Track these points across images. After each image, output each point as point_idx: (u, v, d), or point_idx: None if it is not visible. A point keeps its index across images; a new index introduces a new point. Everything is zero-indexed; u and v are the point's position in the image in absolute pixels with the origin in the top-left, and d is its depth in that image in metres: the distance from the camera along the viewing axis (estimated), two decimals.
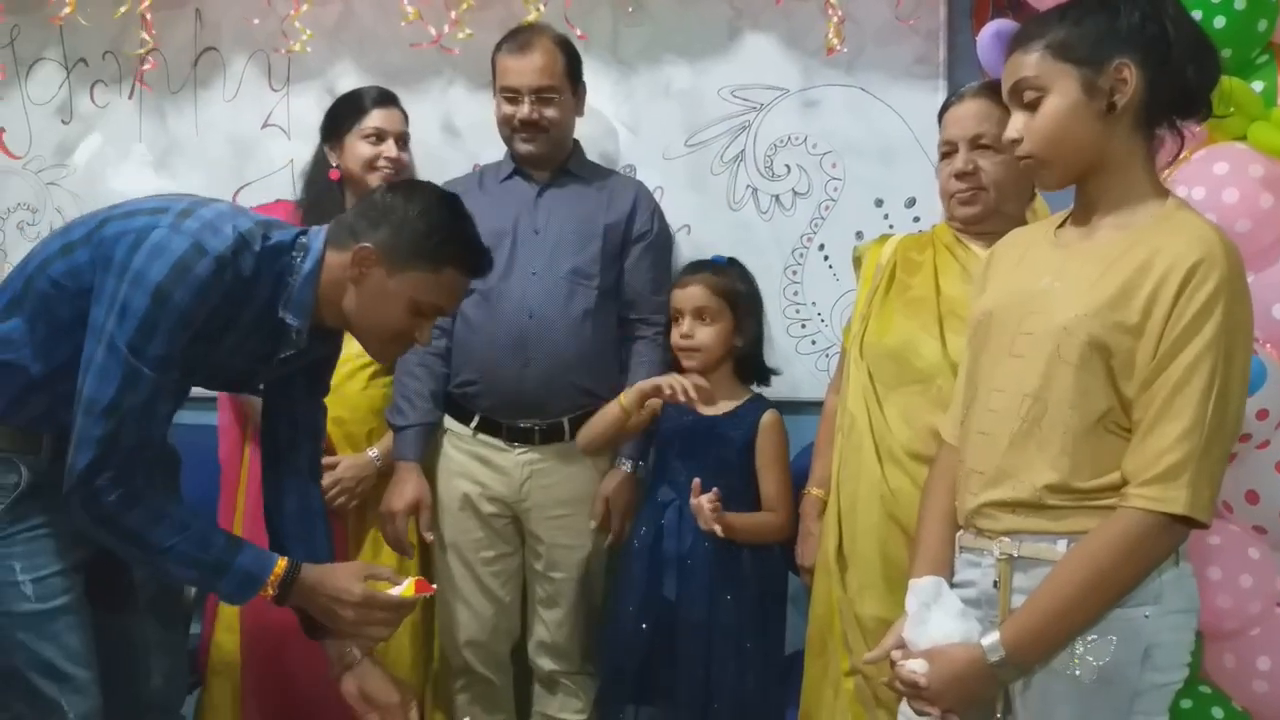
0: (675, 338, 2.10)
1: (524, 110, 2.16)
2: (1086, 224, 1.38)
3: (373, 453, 2.22)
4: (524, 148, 2.21)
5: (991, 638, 1.31)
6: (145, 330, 1.45)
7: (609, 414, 2.09)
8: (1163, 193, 1.36)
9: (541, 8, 2.31)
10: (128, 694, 1.70)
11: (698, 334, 2.07)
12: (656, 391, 2.01)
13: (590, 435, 2.13)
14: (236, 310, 1.54)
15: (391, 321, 1.55)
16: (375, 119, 2.25)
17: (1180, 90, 1.33)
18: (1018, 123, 1.36)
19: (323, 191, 2.26)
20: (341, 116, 2.28)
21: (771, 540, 2.05)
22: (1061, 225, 1.43)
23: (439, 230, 1.55)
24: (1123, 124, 1.33)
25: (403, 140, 2.29)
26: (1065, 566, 1.29)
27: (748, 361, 2.15)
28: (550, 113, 2.17)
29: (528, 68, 2.15)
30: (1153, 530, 1.25)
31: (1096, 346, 1.28)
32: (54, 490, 1.53)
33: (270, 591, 1.55)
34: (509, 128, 2.20)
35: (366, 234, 1.54)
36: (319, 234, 1.58)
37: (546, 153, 2.22)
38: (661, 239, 2.29)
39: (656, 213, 2.29)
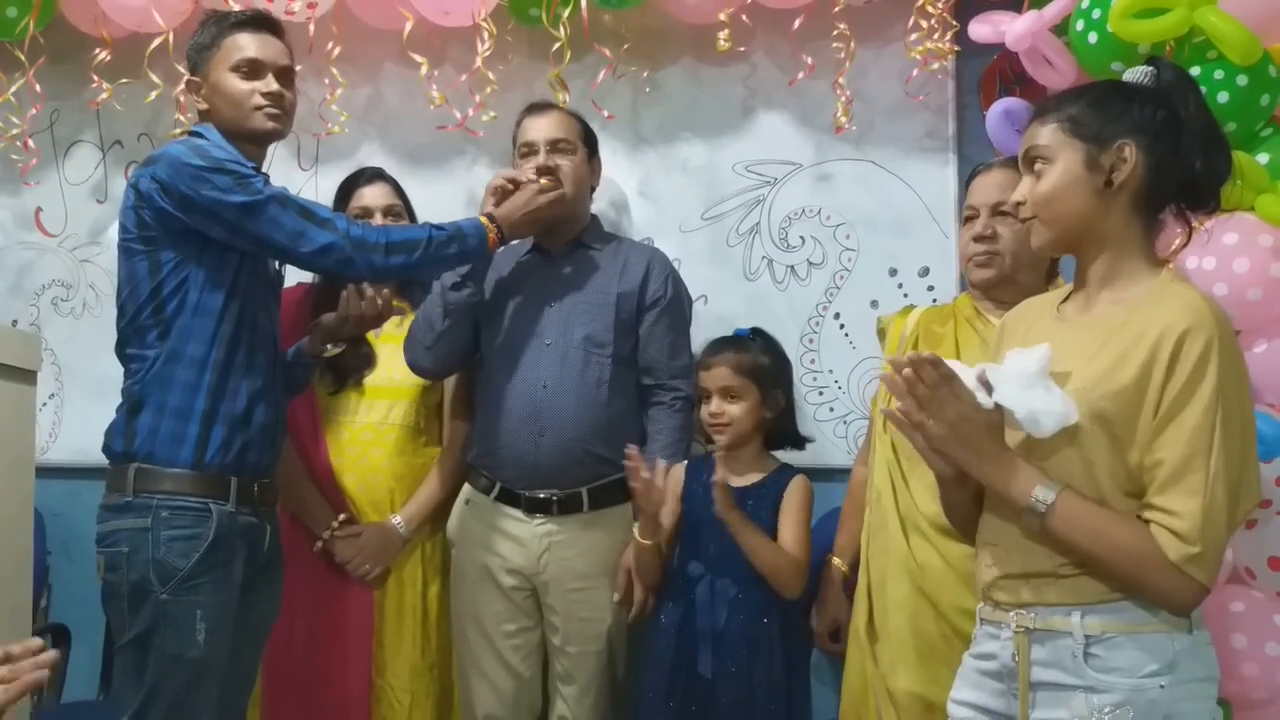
0: (705, 415, 2.09)
1: (539, 159, 2.17)
2: (1085, 299, 1.42)
3: (396, 520, 2.23)
4: None
5: (1049, 491, 1.31)
6: (222, 173, 1.78)
7: (645, 560, 2.07)
8: (1158, 267, 1.40)
9: (566, 97, 2.38)
10: None
11: (727, 410, 2.06)
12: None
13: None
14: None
15: (237, 94, 1.89)
16: (361, 197, 2.30)
17: (1186, 179, 1.38)
18: (1024, 187, 1.43)
19: (332, 276, 2.29)
20: (338, 200, 2.34)
21: (779, 580, 1.98)
22: (1065, 300, 1.47)
23: (207, 29, 1.95)
24: (1120, 201, 1.38)
25: (393, 212, 2.31)
26: (1113, 516, 1.30)
27: (777, 431, 2.12)
28: (565, 164, 2.18)
29: (545, 123, 2.21)
30: (1162, 564, 1.27)
31: (1098, 418, 1.31)
32: (235, 538, 1.79)
33: (493, 230, 1.99)
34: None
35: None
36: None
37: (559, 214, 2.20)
38: (676, 304, 2.27)
39: (670, 278, 2.27)
